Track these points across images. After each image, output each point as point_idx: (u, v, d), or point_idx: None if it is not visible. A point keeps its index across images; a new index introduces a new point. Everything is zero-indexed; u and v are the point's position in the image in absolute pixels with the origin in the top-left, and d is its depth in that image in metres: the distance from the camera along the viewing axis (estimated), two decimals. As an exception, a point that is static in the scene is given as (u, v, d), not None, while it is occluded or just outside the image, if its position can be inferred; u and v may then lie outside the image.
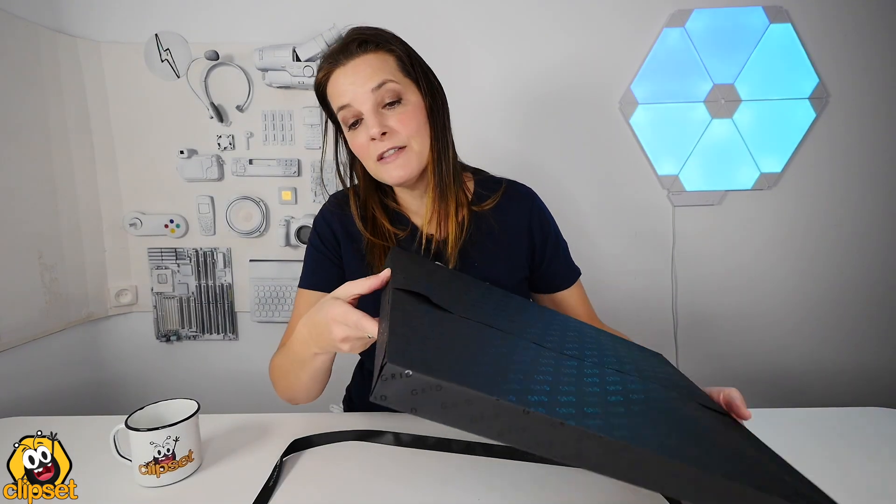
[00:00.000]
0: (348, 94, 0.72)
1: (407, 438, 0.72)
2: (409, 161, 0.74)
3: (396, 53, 0.74)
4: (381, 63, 0.72)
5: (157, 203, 1.45)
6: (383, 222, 0.81)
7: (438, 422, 0.41)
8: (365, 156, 0.75)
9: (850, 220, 1.47)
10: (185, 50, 1.36)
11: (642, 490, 0.60)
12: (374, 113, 0.72)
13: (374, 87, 0.71)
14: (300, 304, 0.84)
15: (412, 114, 0.73)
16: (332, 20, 1.32)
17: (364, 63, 0.72)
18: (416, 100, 0.74)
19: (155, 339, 1.50)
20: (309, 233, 0.91)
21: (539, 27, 1.41)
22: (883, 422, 0.77)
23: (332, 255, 0.83)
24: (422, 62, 0.78)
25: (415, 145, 0.74)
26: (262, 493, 0.61)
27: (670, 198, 1.48)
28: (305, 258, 0.86)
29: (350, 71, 0.72)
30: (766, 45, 1.39)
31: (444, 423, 0.41)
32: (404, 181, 0.75)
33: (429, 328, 0.49)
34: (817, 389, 1.54)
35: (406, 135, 0.73)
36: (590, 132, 1.46)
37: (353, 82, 0.72)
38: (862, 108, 1.42)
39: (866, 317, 1.50)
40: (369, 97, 0.71)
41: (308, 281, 0.84)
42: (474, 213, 0.82)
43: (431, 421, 0.41)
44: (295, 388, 0.75)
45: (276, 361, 0.77)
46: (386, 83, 0.71)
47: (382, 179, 0.76)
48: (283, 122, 1.42)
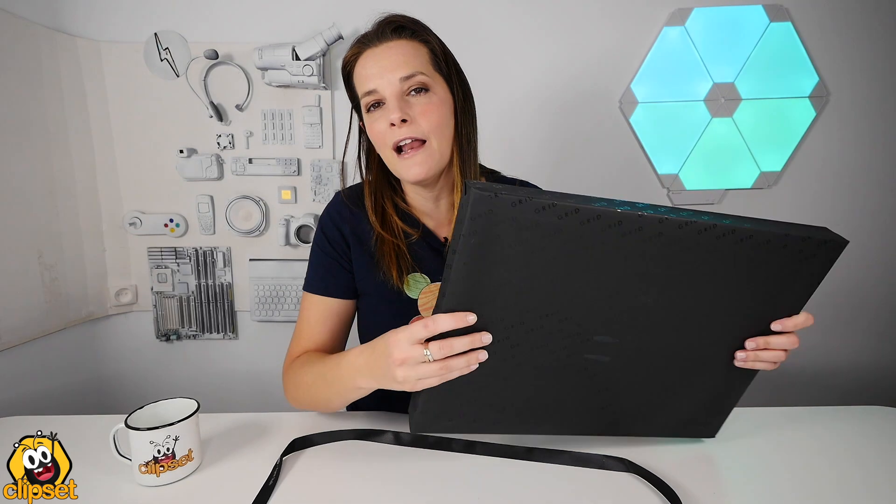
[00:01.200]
0: (374, 80, 0.70)
1: (407, 438, 0.71)
2: (428, 158, 0.71)
3: (430, 46, 0.72)
4: (414, 52, 0.70)
5: (156, 202, 1.45)
6: (394, 219, 0.79)
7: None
8: (382, 143, 0.73)
9: (850, 218, 1.47)
10: (185, 49, 1.36)
11: (642, 491, 0.61)
12: (398, 98, 0.69)
13: (402, 77, 0.69)
14: (309, 309, 0.81)
15: (437, 106, 0.71)
16: (332, 19, 1.32)
17: (397, 49, 0.70)
18: (443, 94, 0.72)
19: (155, 339, 1.50)
20: (310, 231, 0.89)
21: (539, 26, 1.41)
22: (882, 420, 0.77)
23: (343, 259, 0.81)
24: (454, 60, 0.76)
25: (434, 142, 0.71)
26: (261, 493, 0.60)
27: (670, 197, 1.48)
28: (312, 259, 0.83)
29: (381, 54, 0.70)
30: (766, 43, 1.39)
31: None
32: (422, 179, 0.73)
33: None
34: (816, 388, 1.54)
35: (427, 128, 0.70)
36: (590, 131, 1.46)
37: (382, 67, 0.69)
38: (862, 106, 1.42)
39: (866, 316, 1.50)
40: (395, 85, 0.69)
41: (317, 286, 0.81)
42: None
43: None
44: (319, 405, 0.75)
45: (303, 378, 0.74)
46: (415, 75, 0.69)
47: (399, 174, 0.74)
48: (282, 122, 1.42)
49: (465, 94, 0.75)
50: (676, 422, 0.65)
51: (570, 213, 0.46)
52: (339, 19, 1.32)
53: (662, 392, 0.62)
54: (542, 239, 0.47)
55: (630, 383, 0.60)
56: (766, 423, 0.76)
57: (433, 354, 0.53)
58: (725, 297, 0.54)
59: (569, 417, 0.62)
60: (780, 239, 0.51)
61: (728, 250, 0.50)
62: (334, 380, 0.68)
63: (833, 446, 0.70)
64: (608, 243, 0.48)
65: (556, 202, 0.46)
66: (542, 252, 0.48)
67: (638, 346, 0.57)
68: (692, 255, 0.51)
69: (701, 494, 0.59)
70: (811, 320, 0.58)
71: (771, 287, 0.54)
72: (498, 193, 0.45)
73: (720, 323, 0.57)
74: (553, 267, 0.49)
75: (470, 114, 0.76)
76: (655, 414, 0.64)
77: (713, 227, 0.49)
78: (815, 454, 0.68)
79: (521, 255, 0.48)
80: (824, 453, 0.68)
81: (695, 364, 0.60)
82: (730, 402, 0.65)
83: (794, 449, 0.69)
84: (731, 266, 0.52)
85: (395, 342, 0.55)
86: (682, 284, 0.52)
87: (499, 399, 0.58)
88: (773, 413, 0.79)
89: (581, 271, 0.50)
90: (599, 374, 0.58)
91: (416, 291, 0.80)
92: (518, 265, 0.49)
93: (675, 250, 0.50)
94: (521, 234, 0.47)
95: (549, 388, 0.58)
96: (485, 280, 0.50)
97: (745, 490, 0.61)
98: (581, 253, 0.49)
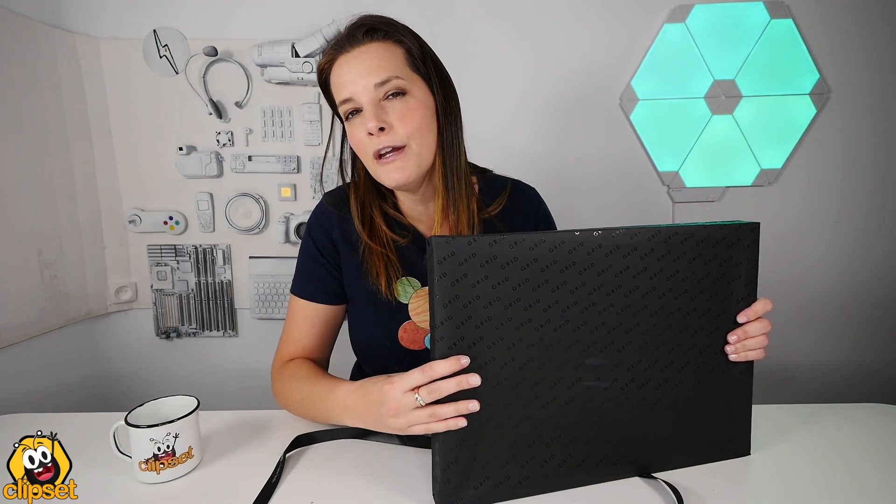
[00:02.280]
0: (349, 87, 0.69)
1: (406, 438, 0.71)
2: (408, 163, 0.70)
3: (406, 45, 0.70)
4: (387, 55, 0.68)
5: (156, 200, 1.45)
6: (381, 227, 0.77)
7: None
8: (363, 152, 0.72)
9: (851, 216, 1.47)
10: (184, 46, 1.36)
11: (642, 490, 0.61)
12: (374, 105, 0.68)
13: (377, 83, 0.67)
14: (296, 312, 0.81)
15: (415, 109, 0.69)
16: (332, 16, 1.32)
17: (370, 52, 0.68)
18: (422, 96, 0.70)
19: (155, 336, 1.50)
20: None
21: (539, 23, 1.40)
22: (881, 418, 0.77)
23: (331, 265, 0.79)
24: (434, 58, 0.73)
25: (414, 146, 0.70)
26: (264, 490, 0.61)
27: (670, 194, 1.48)
28: (300, 263, 0.82)
29: (354, 60, 0.68)
30: (766, 40, 1.39)
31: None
32: (402, 184, 0.71)
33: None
34: (816, 386, 1.54)
35: (405, 133, 0.69)
36: (590, 128, 1.45)
37: (356, 72, 0.68)
38: (863, 103, 1.41)
39: (866, 313, 1.50)
40: (371, 91, 0.68)
41: (305, 291, 0.80)
42: (481, 218, 0.79)
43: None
44: (306, 417, 0.75)
45: (292, 394, 0.75)
46: (390, 80, 0.67)
47: (380, 180, 0.73)
48: (282, 119, 1.42)
49: (446, 93, 0.73)
50: (704, 444, 0.64)
51: (519, 242, 0.53)
52: (339, 16, 1.31)
53: (674, 410, 0.62)
54: (502, 269, 0.53)
55: (638, 407, 0.60)
56: (766, 420, 0.76)
57: (423, 399, 0.53)
58: (687, 297, 0.60)
59: (594, 461, 0.59)
60: (701, 230, 0.59)
61: (661, 248, 0.57)
62: (321, 409, 0.69)
63: (834, 443, 0.70)
64: (560, 262, 0.54)
65: (504, 236, 0.53)
66: (507, 282, 0.53)
67: (630, 363, 0.59)
68: (645, 262, 0.57)
69: (701, 491, 0.59)
70: (769, 304, 0.63)
71: (721, 279, 0.61)
72: (454, 237, 0.52)
73: (695, 326, 0.61)
74: (522, 295, 0.54)
75: (453, 112, 0.74)
76: (680, 438, 0.63)
77: (640, 231, 0.56)
78: (817, 451, 0.68)
79: (491, 289, 0.53)
80: (825, 450, 0.68)
81: (690, 372, 0.61)
82: (741, 407, 0.65)
83: (796, 446, 0.69)
84: (680, 265, 0.58)
85: (390, 393, 0.56)
86: (643, 292, 0.58)
87: (519, 451, 0.57)
88: (775, 410, 0.79)
89: (548, 293, 0.55)
90: (607, 402, 0.59)
91: (406, 296, 0.79)
92: (491, 298, 0.53)
93: (627, 260, 0.56)
94: (484, 268, 0.53)
95: (563, 427, 0.58)
96: (467, 320, 0.53)
97: (745, 487, 0.61)
98: (540, 276, 0.54)
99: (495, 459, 0.56)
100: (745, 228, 0.61)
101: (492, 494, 0.57)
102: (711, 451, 0.65)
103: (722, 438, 0.65)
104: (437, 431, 0.54)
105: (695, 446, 0.64)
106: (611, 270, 0.56)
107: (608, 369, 0.58)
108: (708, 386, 0.63)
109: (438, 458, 0.55)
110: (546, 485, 0.59)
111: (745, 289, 0.62)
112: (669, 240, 0.58)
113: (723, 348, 0.62)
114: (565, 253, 0.54)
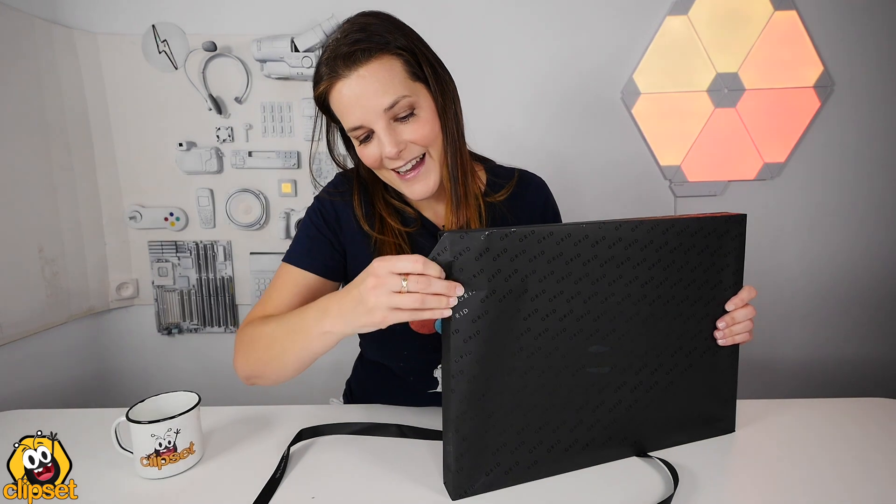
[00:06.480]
0: (356, 114, 0.66)
1: (410, 432, 0.71)
2: (429, 173, 0.71)
3: (402, 56, 0.67)
4: (388, 73, 0.66)
5: (156, 196, 1.45)
6: (388, 220, 0.77)
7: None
8: (379, 168, 0.72)
9: (854, 210, 1.46)
10: (183, 41, 1.35)
11: (641, 469, 0.60)
12: (388, 131, 0.66)
13: (386, 107, 0.65)
14: (284, 278, 0.76)
15: (427, 121, 0.69)
16: (331, 10, 1.31)
17: (370, 75, 0.65)
18: (427, 104, 0.69)
19: (156, 332, 1.51)
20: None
21: (540, 16, 1.39)
22: (884, 412, 0.77)
23: (335, 239, 0.78)
24: (427, 55, 0.71)
25: (433, 152, 0.71)
26: (269, 484, 0.60)
27: (672, 188, 1.47)
28: (300, 233, 0.79)
29: (355, 84, 0.65)
30: (770, 32, 1.38)
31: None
32: (428, 195, 0.72)
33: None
34: (819, 380, 1.54)
35: (423, 145, 0.69)
36: (592, 122, 1.44)
37: (361, 96, 0.65)
38: (867, 96, 1.40)
39: (869, 307, 1.50)
40: (382, 117, 0.66)
41: (300, 259, 0.76)
42: (487, 203, 0.80)
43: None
44: (271, 364, 0.68)
45: (262, 330, 0.69)
46: (399, 101, 0.66)
47: (404, 193, 0.74)
48: (281, 114, 1.41)
49: (443, 89, 0.72)
50: (695, 423, 0.69)
51: (528, 235, 0.54)
52: (338, 10, 1.30)
53: (668, 392, 0.65)
54: (511, 262, 0.54)
55: (637, 390, 0.63)
56: (767, 414, 0.76)
57: (409, 286, 0.52)
58: (681, 285, 0.63)
59: (597, 444, 0.63)
60: (690, 222, 0.62)
61: (659, 240, 0.60)
62: (297, 327, 0.64)
63: (834, 437, 0.70)
64: (566, 254, 0.56)
65: (514, 229, 0.54)
66: (516, 273, 0.55)
67: (629, 350, 0.62)
68: (644, 253, 0.60)
69: (702, 484, 0.59)
70: (754, 292, 0.67)
71: (711, 268, 0.64)
72: (468, 231, 0.53)
73: (688, 313, 0.64)
74: (530, 286, 0.56)
75: (451, 108, 0.73)
76: (673, 418, 0.67)
77: (641, 223, 0.59)
78: (817, 445, 0.68)
79: (504, 281, 0.55)
80: (825, 444, 0.68)
81: (682, 356, 0.65)
82: (729, 388, 0.70)
83: (796, 440, 0.69)
84: (676, 256, 0.62)
85: (378, 268, 0.54)
86: (642, 281, 0.61)
87: (528, 437, 0.59)
88: (775, 405, 0.79)
89: (554, 284, 0.57)
90: (608, 387, 0.62)
91: None
92: (504, 291, 0.55)
93: (629, 251, 0.59)
94: (497, 262, 0.54)
95: (568, 413, 0.60)
96: (484, 314, 0.54)
97: (745, 480, 0.61)
98: (546, 267, 0.56)
99: (505, 446, 0.58)
100: (732, 220, 0.65)
101: (502, 480, 0.59)
102: (702, 430, 0.69)
103: (711, 417, 0.70)
104: (418, 319, 0.54)
105: (686, 425, 0.68)
106: (613, 261, 0.58)
107: (609, 356, 0.61)
108: (698, 368, 0.67)
109: (451, 447, 0.56)
110: (553, 468, 0.62)
111: (732, 277, 0.66)
112: (666, 231, 0.61)
113: (712, 333, 0.67)
114: (571, 245, 0.56)
